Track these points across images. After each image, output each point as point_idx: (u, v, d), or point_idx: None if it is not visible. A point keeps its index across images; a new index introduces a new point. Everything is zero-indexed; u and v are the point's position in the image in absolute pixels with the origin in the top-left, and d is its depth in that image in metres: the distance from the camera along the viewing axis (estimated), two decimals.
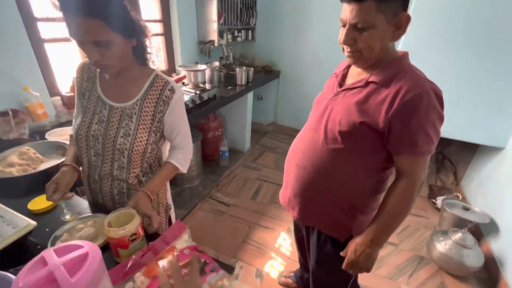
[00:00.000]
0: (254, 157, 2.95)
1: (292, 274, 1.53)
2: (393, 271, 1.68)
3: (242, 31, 2.95)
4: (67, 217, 0.78)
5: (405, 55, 0.78)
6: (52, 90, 1.45)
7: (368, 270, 0.82)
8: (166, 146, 0.98)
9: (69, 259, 0.44)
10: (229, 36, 2.73)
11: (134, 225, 0.68)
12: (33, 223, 0.73)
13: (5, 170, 0.96)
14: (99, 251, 0.48)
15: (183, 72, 1.97)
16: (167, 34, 2.27)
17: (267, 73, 3.10)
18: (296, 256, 1.42)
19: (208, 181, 2.45)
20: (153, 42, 0.84)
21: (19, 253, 0.69)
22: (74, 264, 0.44)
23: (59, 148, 1.15)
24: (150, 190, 0.82)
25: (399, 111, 0.69)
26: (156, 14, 2.14)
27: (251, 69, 2.58)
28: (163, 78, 0.85)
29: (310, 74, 3.08)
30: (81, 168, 0.89)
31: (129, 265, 0.59)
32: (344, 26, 0.74)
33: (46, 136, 1.25)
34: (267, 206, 2.20)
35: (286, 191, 0.99)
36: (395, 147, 0.74)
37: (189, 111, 1.78)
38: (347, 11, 0.70)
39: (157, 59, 0.86)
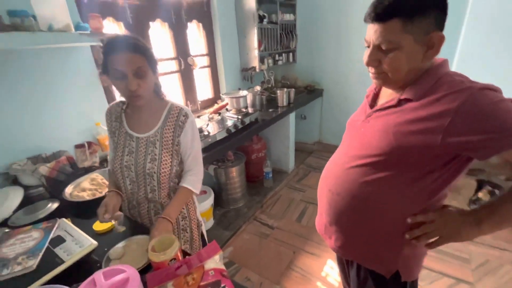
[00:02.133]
0: (299, 178, 2.89)
1: None
2: None
3: (283, 54, 3.04)
4: (119, 227, 0.90)
5: (442, 63, 0.69)
6: None
7: (445, 239, 0.68)
8: None
9: (113, 282, 0.50)
10: (270, 61, 2.84)
11: (174, 251, 0.73)
12: (95, 243, 0.83)
13: (78, 194, 1.14)
14: (138, 276, 0.53)
15: (226, 100, 2.10)
16: (213, 66, 2.48)
17: (309, 92, 3.09)
18: None
19: (252, 202, 2.48)
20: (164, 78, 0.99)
21: (83, 268, 0.79)
22: (117, 287, 0.50)
23: None
24: (167, 214, 0.90)
25: (457, 125, 0.59)
26: (203, 49, 2.37)
27: (292, 90, 2.61)
28: (178, 106, 0.97)
29: (355, 90, 2.96)
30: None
31: (164, 274, 0.65)
32: (368, 46, 0.70)
33: None
34: (312, 229, 2.10)
35: (322, 218, 0.94)
36: (485, 152, 0.60)
37: (232, 135, 1.87)
38: (371, 32, 0.67)
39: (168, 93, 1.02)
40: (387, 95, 0.78)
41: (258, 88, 2.56)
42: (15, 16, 1.00)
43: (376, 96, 0.84)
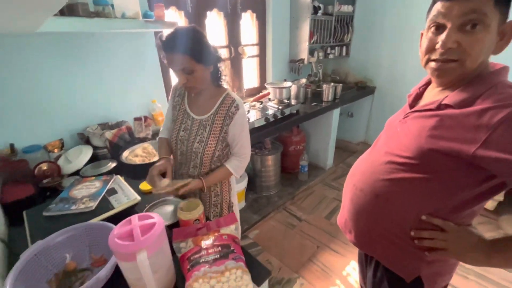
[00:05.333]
0: (336, 176, 2.82)
1: None
2: None
3: (336, 47, 2.94)
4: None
5: (500, 70, 0.62)
6: None
7: (449, 253, 0.66)
8: None
9: (144, 223, 0.62)
10: (321, 54, 2.77)
11: (198, 213, 0.85)
12: (138, 198, 1.00)
13: (132, 159, 1.34)
14: (163, 224, 0.64)
15: (268, 89, 2.16)
16: (262, 55, 2.55)
17: (360, 89, 2.95)
18: None
19: (284, 192, 2.52)
20: (224, 66, 1.05)
21: (127, 216, 0.96)
22: (146, 228, 0.62)
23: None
24: (206, 181, 1.02)
25: (493, 140, 0.55)
26: (254, 39, 2.45)
27: (339, 86, 2.53)
28: (231, 97, 1.03)
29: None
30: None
31: (188, 231, 0.77)
32: (437, 28, 0.63)
33: None
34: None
35: (343, 212, 0.95)
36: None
37: (270, 124, 1.93)
38: (450, 9, 0.58)
39: (226, 80, 1.08)
40: (431, 96, 0.74)
41: (303, 80, 2.55)
42: (98, 5, 1.20)
43: (418, 97, 0.80)
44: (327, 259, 1.80)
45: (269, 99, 2.22)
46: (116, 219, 0.86)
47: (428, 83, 0.80)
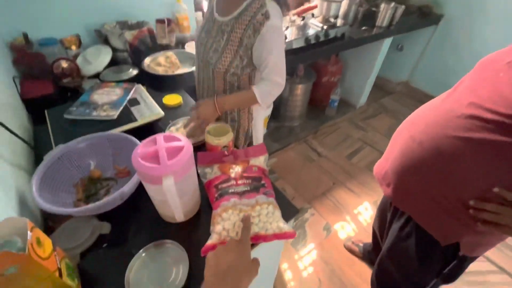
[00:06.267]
0: (366, 116, 2.62)
1: (361, 245, 1.45)
2: None
3: None
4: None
5: None
6: (198, 6, 1.62)
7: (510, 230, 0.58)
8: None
9: (170, 146, 0.54)
10: None
11: (228, 139, 0.76)
12: (162, 113, 0.92)
13: (154, 68, 1.21)
14: (191, 148, 0.56)
15: (315, 1, 1.77)
16: None
17: (422, 16, 2.40)
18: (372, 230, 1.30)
19: (308, 125, 2.42)
20: None
21: (150, 131, 0.90)
22: (173, 151, 0.54)
23: (192, 59, 1.34)
24: (219, 101, 0.86)
25: None
26: None
27: (401, 7, 2.04)
28: (263, 0, 0.76)
29: (496, 25, 2.15)
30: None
31: (214, 157, 0.69)
32: None
33: (186, 46, 1.47)
34: (360, 171, 2.02)
35: (386, 163, 0.83)
36: None
37: (310, 46, 1.66)
38: None
39: None
40: None
41: None
42: None
43: None
44: (341, 196, 1.83)
45: (313, 15, 1.85)
46: (137, 132, 0.80)
47: None
